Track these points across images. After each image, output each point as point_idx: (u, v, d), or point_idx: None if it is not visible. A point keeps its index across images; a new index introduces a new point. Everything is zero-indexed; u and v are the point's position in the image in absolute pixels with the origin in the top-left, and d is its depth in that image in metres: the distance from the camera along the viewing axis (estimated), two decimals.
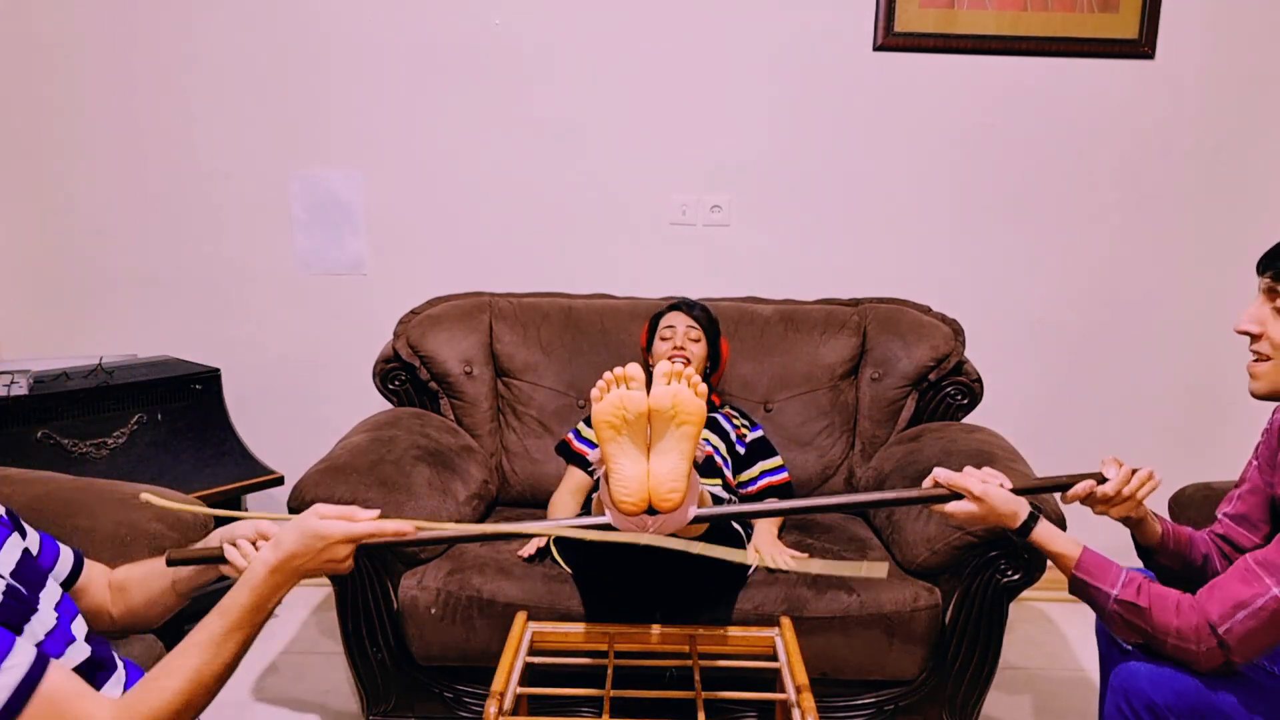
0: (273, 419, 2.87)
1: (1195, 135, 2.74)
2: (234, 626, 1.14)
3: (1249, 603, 1.31)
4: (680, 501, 1.47)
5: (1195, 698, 1.35)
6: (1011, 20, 2.66)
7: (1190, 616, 1.35)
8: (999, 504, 1.49)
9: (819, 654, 1.92)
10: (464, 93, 2.74)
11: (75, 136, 2.77)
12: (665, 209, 2.80)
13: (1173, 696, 1.36)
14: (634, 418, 1.46)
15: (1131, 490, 1.51)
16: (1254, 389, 1.46)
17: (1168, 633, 1.36)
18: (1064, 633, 2.70)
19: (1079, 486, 1.52)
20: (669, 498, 1.46)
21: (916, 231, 2.80)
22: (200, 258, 2.84)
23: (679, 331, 2.30)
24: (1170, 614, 1.36)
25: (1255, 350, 1.45)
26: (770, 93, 2.73)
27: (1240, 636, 1.31)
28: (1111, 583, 1.42)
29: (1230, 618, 1.32)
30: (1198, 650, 1.34)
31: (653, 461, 1.48)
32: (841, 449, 2.49)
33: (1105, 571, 1.44)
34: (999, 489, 1.51)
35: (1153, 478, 1.52)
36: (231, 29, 2.71)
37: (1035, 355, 2.86)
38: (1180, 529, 1.61)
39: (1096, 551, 1.48)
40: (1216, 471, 2.12)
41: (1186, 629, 1.34)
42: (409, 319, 2.54)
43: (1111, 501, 1.52)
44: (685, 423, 1.46)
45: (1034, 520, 1.50)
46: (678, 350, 2.27)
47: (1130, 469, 1.52)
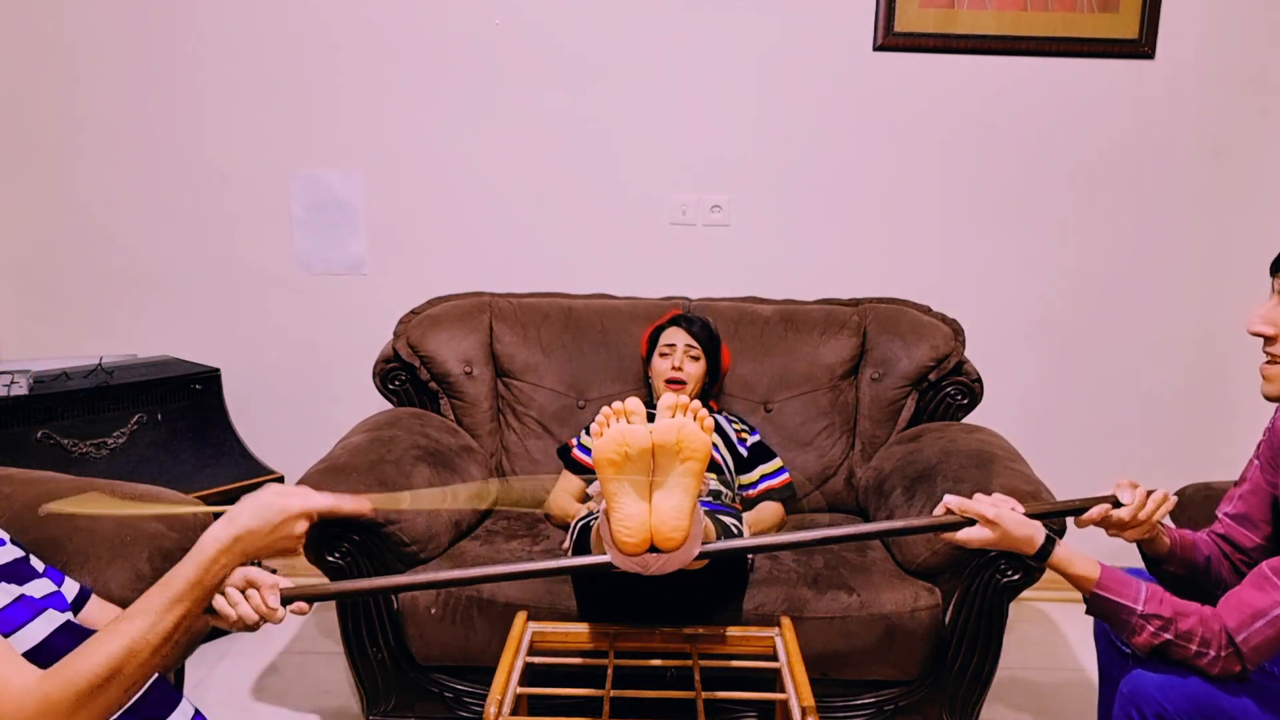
0: (273, 419, 2.87)
1: (1195, 135, 2.74)
2: (176, 599, 1.11)
3: (1266, 612, 1.32)
4: (683, 540, 1.42)
5: (1206, 703, 1.35)
6: (1011, 20, 2.66)
7: (1212, 624, 1.35)
8: (1013, 528, 1.46)
9: (819, 654, 1.92)
10: (464, 93, 2.74)
11: (76, 137, 2.77)
12: (665, 209, 2.80)
13: (1183, 702, 1.36)
14: (636, 454, 1.40)
15: (1147, 515, 1.50)
16: (1266, 391, 1.45)
17: (1191, 641, 1.36)
18: (1064, 633, 2.70)
19: (1093, 511, 1.50)
20: (672, 537, 1.41)
21: (916, 231, 2.80)
22: (200, 258, 2.84)
23: (678, 350, 2.33)
24: (1194, 623, 1.37)
25: (1269, 352, 1.43)
26: (770, 93, 2.73)
27: (1256, 645, 1.32)
28: (1134, 598, 1.42)
29: (1248, 627, 1.33)
30: (1215, 657, 1.35)
31: (656, 499, 1.42)
32: (842, 449, 2.49)
33: (1126, 587, 1.43)
34: (1012, 513, 1.48)
35: (1167, 499, 1.51)
36: (232, 30, 2.71)
37: (1035, 355, 2.86)
38: (1184, 534, 1.61)
39: (1113, 567, 1.47)
40: (1216, 471, 2.12)
41: (1208, 636, 1.35)
42: (409, 319, 2.54)
43: (1126, 526, 1.51)
44: (690, 458, 1.41)
45: (1051, 544, 1.47)
46: (675, 371, 2.30)
47: (1145, 491, 1.50)
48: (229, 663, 2.46)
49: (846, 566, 2.07)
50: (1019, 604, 2.52)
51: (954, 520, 1.49)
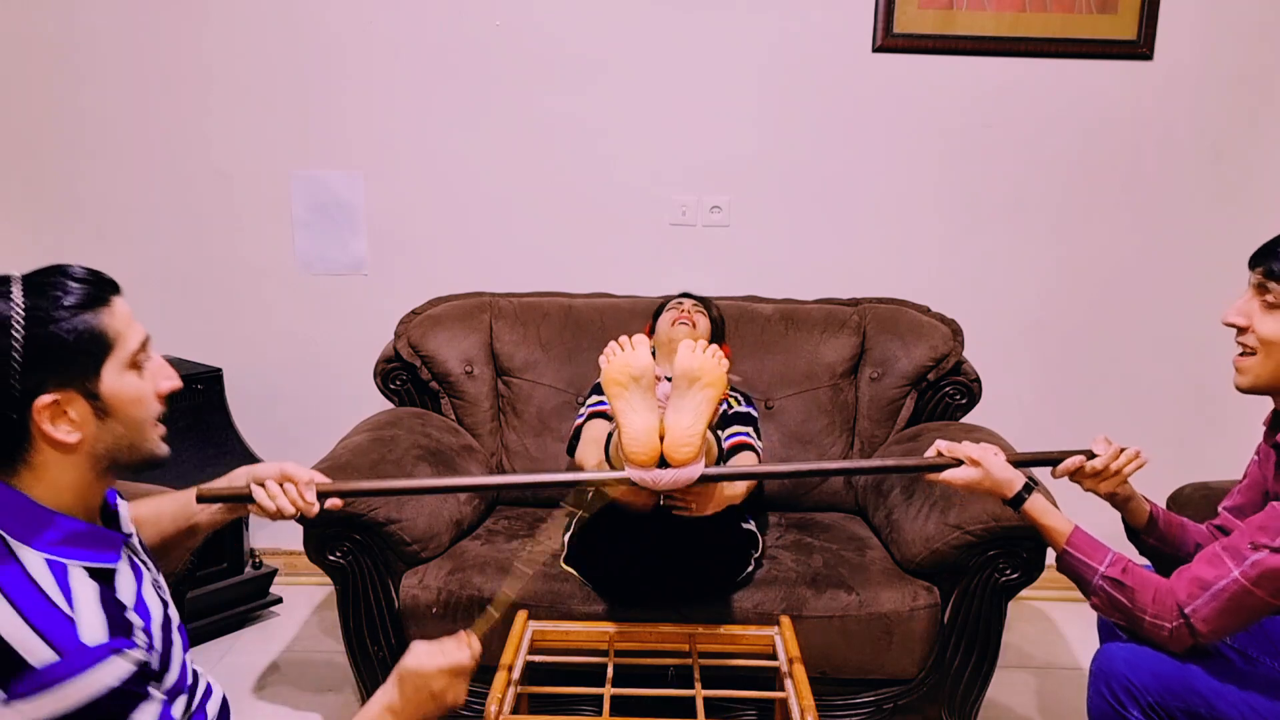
0: (274, 419, 2.87)
1: (1194, 135, 2.74)
2: None
3: (1211, 584, 1.37)
4: (695, 456, 1.50)
5: (1171, 677, 1.40)
6: (1010, 21, 2.66)
7: (1165, 598, 1.41)
8: (995, 469, 1.55)
9: (818, 653, 1.93)
10: (465, 94, 2.75)
11: (77, 137, 2.78)
12: (665, 209, 2.80)
13: (1149, 677, 1.41)
14: (639, 373, 1.51)
15: (1119, 466, 1.56)
16: (1238, 383, 1.50)
17: (1145, 612, 1.42)
18: (1063, 632, 2.70)
19: (1068, 461, 1.58)
20: (683, 450, 1.49)
21: (916, 232, 2.81)
22: (202, 258, 2.85)
23: (685, 306, 2.35)
24: (1149, 594, 1.42)
25: (1241, 343, 1.48)
26: (770, 93, 2.74)
27: (1204, 617, 1.37)
28: (1100, 560, 1.48)
29: (1195, 599, 1.38)
30: (1169, 629, 1.40)
31: (669, 416, 1.51)
32: (841, 448, 2.50)
33: (1095, 550, 1.50)
34: (995, 457, 1.56)
35: (1139, 456, 1.57)
36: (234, 31, 2.72)
37: (1034, 355, 2.86)
38: (1173, 516, 1.65)
39: (1087, 531, 1.53)
40: (1215, 471, 2.13)
41: (1161, 609, 1.40)
42: (410, 319, 2.55)
43: (1099, 476, 1.57)
44: (709, 385, 1.51)
45: (1028, 491, 1.56)
46: (684, 316, 2.29)
47: (1119, 447, 1.57)
48: (230, 661, 2.47)
49: (846, 566, 2.07)
50: (1018, 603, 2.52)
51: (943, 461, 1.58)
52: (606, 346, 1.58)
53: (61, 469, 1.03)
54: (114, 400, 1.04)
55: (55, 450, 1.01)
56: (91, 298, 1.03)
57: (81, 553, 1.03)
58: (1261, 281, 1.44)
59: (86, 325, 1.01)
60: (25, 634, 0.94)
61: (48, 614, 0.96)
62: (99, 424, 1.03)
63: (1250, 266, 1.47)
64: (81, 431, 1.02)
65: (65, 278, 1.03)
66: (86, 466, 1.04)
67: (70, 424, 1.01)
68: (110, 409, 1.04)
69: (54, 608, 0.97)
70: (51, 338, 0.99)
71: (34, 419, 0.99)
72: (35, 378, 0.98)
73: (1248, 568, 1.34)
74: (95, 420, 1.03)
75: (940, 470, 1.58)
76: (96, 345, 1.02)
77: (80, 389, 1.01)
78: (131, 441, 1.07)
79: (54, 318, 0.99)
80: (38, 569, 0.99)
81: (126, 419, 1.06)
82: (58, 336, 0.99)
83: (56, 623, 0.96)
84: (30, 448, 1.01)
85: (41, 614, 0.96)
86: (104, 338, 1.03)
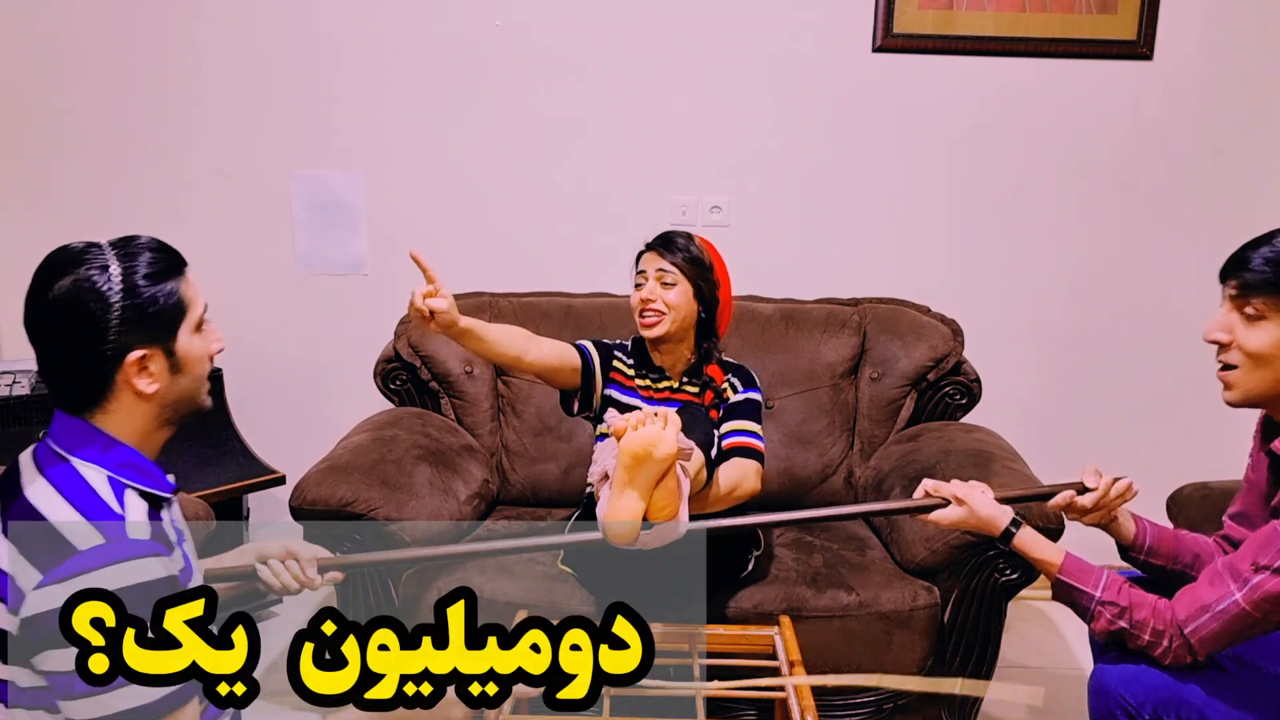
0: (274, 419, 2.87)
1: (1193, 136, 2.75)
2: None
3: (1212, 605, 1.37)
4: (674, 514, 1.55)
5: (1167, 692, 1.41)
6: (1010, 21, 2.66)
7: (1164, 615, 1.41)
8: (980, 508, 1.56)
9: (819, 653, 1.93)
10: (465, 94, 2.75)
11: (77, 137, 2.78)
12: (665, 209, 2.80)
13: (1144, 692, 1.42)
14: (660, 459, 1.51)
15: (1108, 501, 1.57)
16: (1229, 398, 1.46)
17: (1144, 631, 1.42)
18: (1062, 632, 2.70)
19: (1059, 497, 1.58)
20: (664, 513, 1.55)
21: (916, 232, 2.81)
22: (202, 258, 2.81)
23: (649, 278, 1.95)
24: (1147, 613, 1.42)
25: (1223, 360, 1.44)
26: (770, 93, 2.74)
27: (1203, 637, 1.38)
28: (1094, 585, 1.48)
29: (1196, 619, 1.38)
30: (1168, 648, 1.40)
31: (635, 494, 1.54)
32: (841, 448, 2.50)
33: (1087, 574, 1.50)
34: (981, 495, 1.57)
35: (1131, 489, 1.58)
36: (233, 30, 2.72)
37: (1034, 355, 2.86)
38: (1163, 529, 1.64)
39: (1077, 556, 1.53)
40: (1214, 471, 2.13)
41: (1160, 628, 1.41)
42: (410, 319, 2.54)
43: (1088, 512, 1.58)
44: (662, 460, 1.52)
45: (1016, 526, 1.56)
46: (647, 303, 1.94)
47: (1110, 479, 1.57)
48: None
49: (846, 566, 2.07)
50: (1018, 603, 2.52)
51: (931, 502, 1.59)
52: (641, 411, 1.57)
53: (133, 414, 1.17)
54: (185, 357, 1.19)
55: (133, 398, 1.15)
56: (172, 267, 1.18)
57: (139, 478, 1.17)
58: (1238, 294, 1.41)
59: (171, 292, 1.16)
60: (75, 522, 1.07)
61: (99, 508, 1.09)
62: (171, 378, 1.18)
63: (1222, 279, 1.44)
64: (159, 383, 1.16)
65: (145, 250, 1.16)
66: (153, 415, 1.18)
67: (150, 377, 1.15)
68: (182, 365, 1.19)
69: (105, 505, 1.10)
70: (147, 302, 1.13)
71: (123, 371, 1.13)
72: (129, 336, 1.12)
73: (1249, 590, 1.34)
74: (169, 375, 1.17)
75: (929, 511, 1.60)
76: (177, 310, 1.17)
77: (163, 346, 1.16)
78: (192, 394, 1.22)
79: (144, 285, 1.13)
80: (96, 479, 1.13)
81: (192, 374, 1.21)
82: (153, 301, 1.14)
83: (106, 516, 1.09)
84: (111, 395, 1.15)
85: (93, 508, 1.09)
86: (183, 303, 1.18)
